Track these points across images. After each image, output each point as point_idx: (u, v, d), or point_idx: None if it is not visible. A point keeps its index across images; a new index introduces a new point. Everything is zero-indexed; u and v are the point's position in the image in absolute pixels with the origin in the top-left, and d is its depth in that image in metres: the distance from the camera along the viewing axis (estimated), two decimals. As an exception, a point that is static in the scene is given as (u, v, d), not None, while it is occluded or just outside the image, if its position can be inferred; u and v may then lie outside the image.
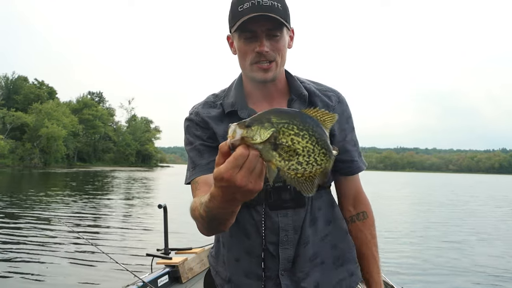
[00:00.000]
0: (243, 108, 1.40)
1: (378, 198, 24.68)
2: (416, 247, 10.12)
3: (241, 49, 1.34)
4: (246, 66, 1.36)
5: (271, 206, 1.37)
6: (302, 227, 1.38)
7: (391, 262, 8.33)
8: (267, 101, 1.43)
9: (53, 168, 67.67)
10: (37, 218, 12.36)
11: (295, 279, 1.38)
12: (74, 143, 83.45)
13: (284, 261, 1.37)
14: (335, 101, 1.45)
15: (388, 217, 16.00)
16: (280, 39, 1.32)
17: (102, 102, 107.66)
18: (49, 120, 70.96)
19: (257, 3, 1.26)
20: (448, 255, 9.26)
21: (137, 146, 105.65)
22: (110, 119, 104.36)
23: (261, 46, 1.29)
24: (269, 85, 1.40)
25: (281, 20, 1.27)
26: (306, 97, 1.41)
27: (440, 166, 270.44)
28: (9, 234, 9.88)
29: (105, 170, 69.62)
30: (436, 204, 23.69)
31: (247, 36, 1.31)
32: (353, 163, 1.48)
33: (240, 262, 1.42)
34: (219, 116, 1.43)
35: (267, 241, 1.38)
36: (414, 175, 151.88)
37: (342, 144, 1.43)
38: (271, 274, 1.38)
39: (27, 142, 69.76)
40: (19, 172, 50.00)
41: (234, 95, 1.44)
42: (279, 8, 1.28)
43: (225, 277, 1.47)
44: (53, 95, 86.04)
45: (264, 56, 1.31)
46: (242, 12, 1.27)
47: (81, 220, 12.44)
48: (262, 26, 1.28)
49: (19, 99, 76.87)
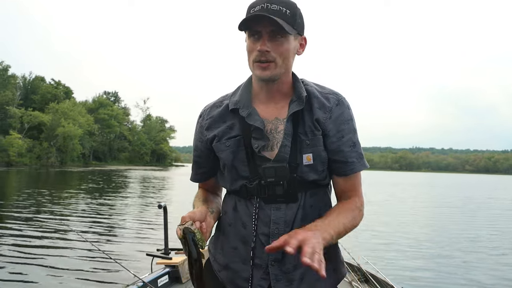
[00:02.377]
0: (245, 107, 1.49)
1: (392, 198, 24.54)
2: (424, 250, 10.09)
3: (247, 48, 1.43)
4: (250, 64, 1.45)
5: (265, 200, 1.45)
6: (293, 221, 1.45)
7: (390, 262, 8.35)
8: (271, 102, 1.51)
9: (69, 167, 68.44)
10: (38, 218, 12.37)
11: (283, 269, 1.45)
12: (90, 142, 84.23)
13: (274, 252, 1.44)
14: (333, 103, 1.49)
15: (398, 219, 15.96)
16: (283, 42, 1.39)
17: (117, 101, 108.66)
18: (65, 119, 71.79)
19: (266, 6, 1.36)
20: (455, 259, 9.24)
21: (152, 145, 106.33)
22: (125, 118, 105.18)
23: (262, 45, 1.38)
24: (272, 86, 1.48)
25: (282, 24, 1.34)
26: (304, 98, 1.46)
27: (456, 166, 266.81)
28: (8, 233, 9.89)
29: (120, 169, 70.14)
30: (451, 207, 23.49)
31: (253, 36, 1.40)
32: (347, 164, 1.50)
33: (237, 250, 1.52)
34: (221, 114, 1.55)
35: (259, 232, 1.46)
36: (429, 175, 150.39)
37: (337, 144, 1.48)
38: (262, 263, 1.47)
39: (44, 141, 70.67)
40: (36, 171, 50.58)
41: (240, 94, 1.53)
42: (286, 13, 1.37)
43: (223, 263, 1.57)
44: (70, 95, 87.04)
45: (264, 56, 1.38)
46: (251, 14, 1.38)
47: (81, 220, 12.44)
48: (266, 28, 1.37)
49: (37, 99, 77.86)
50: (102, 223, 12.09)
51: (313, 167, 1.46)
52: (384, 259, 8.52)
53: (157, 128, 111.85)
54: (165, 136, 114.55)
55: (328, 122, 1.46)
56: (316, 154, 1.45)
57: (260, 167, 1.44)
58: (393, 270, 7.39)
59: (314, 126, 1.46)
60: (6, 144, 63.00)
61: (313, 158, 1.46)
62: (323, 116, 1.46)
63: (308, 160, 1.45)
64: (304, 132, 1.46)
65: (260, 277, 1.47)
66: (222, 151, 1.52)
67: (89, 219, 12.75)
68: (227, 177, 1.55)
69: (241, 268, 1.51)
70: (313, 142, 1.46)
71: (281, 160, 1.44)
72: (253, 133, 1.46)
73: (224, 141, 1.51)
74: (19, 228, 10.72)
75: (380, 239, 11.12)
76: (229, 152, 1.50)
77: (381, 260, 7.98)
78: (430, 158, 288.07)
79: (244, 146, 1.48)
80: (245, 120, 1.47)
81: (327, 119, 1.46)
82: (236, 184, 1.51)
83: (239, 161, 1.49)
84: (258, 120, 1.47)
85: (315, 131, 1.46)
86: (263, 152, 1.46)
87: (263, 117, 1.49)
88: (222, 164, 1.54)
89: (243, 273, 1.50)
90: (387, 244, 10.52)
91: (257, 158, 1.46)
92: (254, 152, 1.46)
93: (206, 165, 1.63)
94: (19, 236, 9.68)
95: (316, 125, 1.46)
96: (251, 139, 1.46)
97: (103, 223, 12.11)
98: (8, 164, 62.05)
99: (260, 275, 1.47)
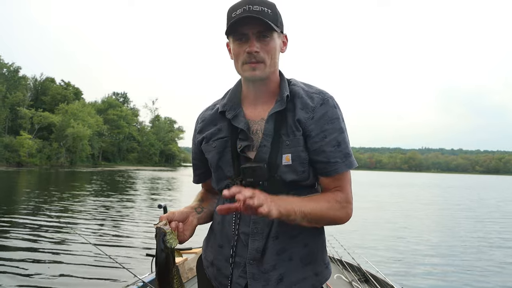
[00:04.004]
0: (232, 109, 1.54)
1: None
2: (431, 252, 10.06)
3: (234, 51, 1.47)
4: (239, 67, 1.48)
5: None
6: (273, 221, 1.46)
7: (390, 262, 8.35)
8: (259, 102, 1.54)
9: (79, 167, 68.84)
10: (38, 218, 12.34)
11: (261, 269, 1.48)
12: (99, 142, 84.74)
13: (253, 251, 1.48)
14: (318, 103, 1.49)
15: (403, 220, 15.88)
16: (270, 41, 1.43)
17: (126, 102, 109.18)
18: (75, 120, 72.34)
19: (248, 8, 1.39)
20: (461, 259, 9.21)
21: (161, 146, 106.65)
22: (134, 119, 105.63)
23: (251, 47, 1.41)
24: (260, 86, 1.51)
25: (269, 23, 1.39)
26: (285, 99, 1.48)
27: (466, 167, 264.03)
28: (7, 233, 9.89)
29: (129, 169, 70.42)
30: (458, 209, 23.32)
31: (239, 39, 1.44)
32: (329, 164, 1.47)
33: (222, 248, 1.56)
34: (212, 117, 1.62)
35: (240, 231, 1.50)
36: (439, 176, 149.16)
37: (319, 144, 1.47)
38: (241, 261, 1.50)
39: (54, 142, 71.20)
40: (46, 171, 50.88)
41: (229, 97, 1.58)
42: (268, 13, 1.41)
43: (210, 260, 1.62)
44: (79, 96, 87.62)
45: (254, 56, 1.42)
46: (234, 17, 1.41)
47: (81, 220, 12.43)
48: (253, 29, 1.41)
49: (47, 100, 78.47)
50: (102, 223, 12.12)
51: (292, 168, 1.46)
52: (384, 259, 8.51)
53: (166, 129, 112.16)
54: (174, 136, 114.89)
55: (310, 122, 1.47)
56: (295, 155, 1.46)
57: (240, 167, 1.47)
58: (393, 270, 7.40)
59: (295, 127, 1.47)
60: (17, 144, 63.60)
61: (292, 159, 1.45)
62: (305, 116, 1.47)
63: (287, 161, 1.45)
64: (286, 132, 1.47)
65: (238, 275, 1.51)
66: (209, 152, 1.58)
67: (90, 219, 12.75)
68: (214, 176, 1.60)
69: (224, 266, 1.55)
70: (292, 142, 1.46)
71: (260, 160, 1.46)
72: (240, 134, 1.51)
73: (211, 143, 1.57)
74: (19, 228, 10.69)
75: (380, 239, 11.13)
76: (215, 152, 1.56)
77: (381, 260, 7.96)
78: (440, 158, 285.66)
79: (231, 147, 1.52)
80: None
81: (308, 119, 1.47)
82: (221, 183, 1.56)
83: (225, 162, 1.53)
84: (242, 122, 1.51)
85: (295, 132, 1.47)
86: (246, 153, 1.49)
87: (250, 118, 1.53)
88: (209, 164, 1.60)
89: (225, 271, 1.54)
90: (387, 244, 10.51)
91: (241, 158, 1.50)
92: (238, 152, 1.50)
93: (202, 166, 1.69)
94: (18, 236, 9.66)
95: (297, 126, 1.47)
96: (237, 140, 1.51)
97: (104, 223, 12.13)
98: (19, 165, 62.63)
99: (238, 273, 1.51)
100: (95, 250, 4.02)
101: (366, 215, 14.40)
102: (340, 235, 6.24)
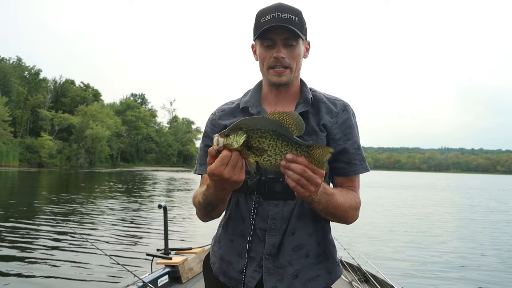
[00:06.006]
0: (255, 106, 1.61)
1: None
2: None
3: (261, 55, 1.56)
4: (264, 70, 1.57)
5: (264, 196, 1.53)
6: (290, 218, 1.53)
7: (391, 262, 8.32)
8: (279, 104, 1.61)
9: (98, 168, 69.75)
10: (38, 218, 12.39)
11: (277, 264, 1.53)
12: (118, 143, 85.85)
13: (270, 246, 1.53)
14: (340, 109, 1.60)
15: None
16: (295, 48, 1.52)
17: (144, 103, 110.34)
18: (93, 121, 73.43)
19: (277, 15, 1.47)
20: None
21: (179, 146, 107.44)
22: (152, 120, 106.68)
23: (278, 52, 1.50)
24: (282, 89, 1.60)
25: (297, 31, 1.48)
26: (309, 101, 1.58)
27: (487, 167, 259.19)
28: (8, 232, 9.94)
29: (147, 170, 71.01)
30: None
31: (267, 44, 1.52)
32: (350, 165, 1.59)
33: (234, 242, 1.60)
34: (232, 110, 1.67)
35: (257, 227, 1.55)
36: (458, 176, 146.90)
37: (343, 146, 1.57)
38: (256, 256, 1.54)
39: (73, 143, 72.45)
40: (66, 172, 51.53)
41: (251, 95, 1.66)
42: (295, 21, 1.49)
43: (219, 255, 1.65)
44: (98, 97, 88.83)
45: (280, 62, 1.51)
46: (264, 23, 1.49)
47: (82, 220, 12.42)
48: (280, 36, 1.50)
49: (66, 102, 79.71)
50: (102, 223, 12.10)
51: None
52: (384, 259, 8.47)
53: (184, 130, 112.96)
54: (192, 137, 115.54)
55: (335, 126, 1.58)
56: None
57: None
58: (393, 270, 7.36)
59: (319, 128, 1.56)
60: (38, 145, 65.01)
61: None
62: (330, 120, 1.58)
63: None
64: (307, 132, 1.54)
65: (253, 269, 1.55)
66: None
67: (90, 219, 12.75)
68: None
69: (236, 260, 1.59)
70: (316, 142, 1.53)
71: None
72: None
73: None
74: (19, 228, 10.72)
75: (380, 239, 11.04)
76: None
77: (381, 260, 7.92)
78: (460, 158, 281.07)
79: None
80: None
81: (333, 124, 1.58)
82: None
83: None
84: None
85: (319, 133, 1.55)
86: None
87: None
88: None
89: (237, 265, 1.58)
90: (388, 244, 10.44)
91: None
92: None
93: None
94: (19, 236, 9.64)
95: (321, 128, 1.56)
96: None
97: (104, 223, 12.10)
98: (39, 165, 63.90)
99: (253, 268, 1.54)
100: (95, 249, 4.06)
101: (367, 215, 14.18)
102: (338, 234, 6.24)
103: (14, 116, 66.11)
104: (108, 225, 11.84)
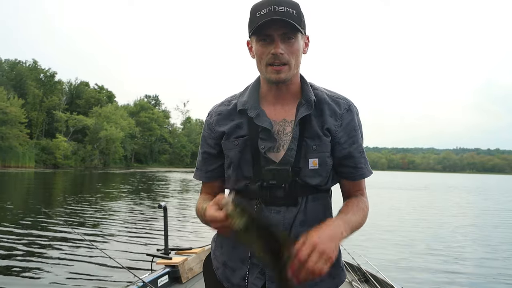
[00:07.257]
0: (253, 107, 1.51)
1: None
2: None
3: (258, 52, 1.44)
4: (261, 68, 1.46)
5: (266, 202, 1.48)
6: (292, 224, 1.47)
7: (391, 262, 8.27)
8: (279, 103, 1.53)
9: (112, 169, 70.34)
10: (38, 218, 12.35)
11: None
12: (132, 145, 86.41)
13: None
14: (344, 109, 1.52)
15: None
16: (294, 42, 1.42)
17: (158, 105, 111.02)
18: (108, 123, 74.21)
19: (273, 9, 1.37)
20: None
21: (192, 147, 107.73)
22: (165, 121, 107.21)
23: (276, 48, 1.40)
24: (282, 87, 1.50)
25: (295, 25, 1.38)
26: (312, 102, 1.50)
27: (503, 167, 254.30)
28: (8, 232, 9.91)
29: (160, 171, 71.38)
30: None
31: (264, 39, 1.42)
32: (357, 169, 1.54)
33: (236, 249, 1.54)
34: (229, 113, 1.56)
35: None
36: (474, 176, 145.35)
37: (348, 150, 1.52)
38: (258, 263, 1.49)
39: (88, 144, 73.23)
40: (80, 173, 52.10)
41: (248, 95, 1.55)
42: (293, 14, 1.39)
43: (221, 261, 1.60)
44: (112, 99, 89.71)
45: (278, 58, 1.41)
46: (259, 17, 1.38)
47: (82, 220, 12.39)
48: (278, 30, 1.39)
49: (81, 103, 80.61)
50: (103, 223, 12.10)
51: (318, 172, 1.49)
52: (384, 259, 8.42)
53: (197, 131, 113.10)
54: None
55: (339, 130, 1.51)
56: (322, 160, 1.48)
57: (264, 169, 1.47)
58: (393, 270, 7.31)
59: (323, 133, 1.49)
60: (53, 147, 66.08)
61: (319, 163, 1.48)
62: (335, 124, 1.50)
63: (314, 165, 1.47)
64: (311, 136, 1.48)
65: (255, 276, 1.50)
66: (230, 149, 1.54)
67: (91, 219, 12.74)
68: (232, 176, 1.56)
69: (238, 267, 1.54)
70: (320, 147, 1.48)
71: (286, 163, 1.46)
72: (261, 134, 1.49)
73: (232, 140, 1.53)
74: (18, 227, 10.70)
75: (380, 239, 10.97)
76: (237, 151, 1.52)
77: (381, 260, 7.86)
78: (475, 159, 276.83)
79: (250, 146, 1.50)
80: (253, 120, 1.50)
81: (338, 127, 1.50)
82: (239, 183, 1.54)
83: (244, 161, 1.51)
84: (266, 121, 1.49)
85: (323, 137, 1.49)
86: (268, 154, 1.48)
87: (271, 118, 1.51)
88: (229, 162, 1.56)
89: (240, 271, 1.53)
90: (388, 244, 10.38)
91: (262, 159, 1.48)
92: (259, 153, 1.48)
93: (215, 162, 1.61)
94: (18, 236, 9.62)
95: (325, 133, 1.49)
96: (258, 139, 1.48)
97: (104, 223, 12.08)
98: (55, 166, 64.86)
99: (255, 274, 1.50)
100: (95, 249, 4.07)
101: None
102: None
103: (30, 118, 67.14)
104: (108, 225, 11.85)
